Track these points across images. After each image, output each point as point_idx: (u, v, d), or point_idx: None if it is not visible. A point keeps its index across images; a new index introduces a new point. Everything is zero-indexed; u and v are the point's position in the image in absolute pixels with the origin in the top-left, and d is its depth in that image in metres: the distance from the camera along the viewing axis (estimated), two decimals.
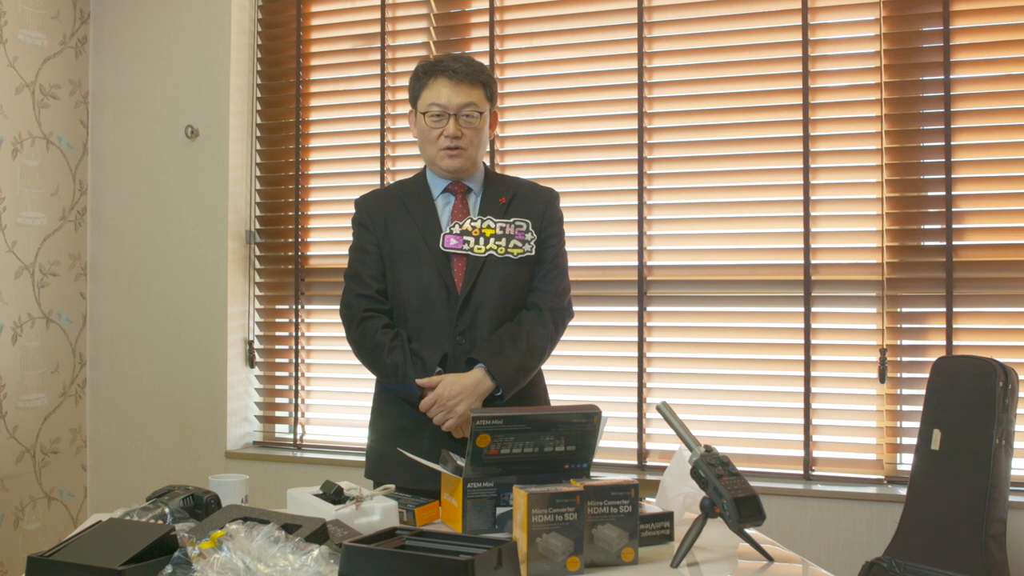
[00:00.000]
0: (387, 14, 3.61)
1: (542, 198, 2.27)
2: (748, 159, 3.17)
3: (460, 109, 2.15)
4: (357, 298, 2.21)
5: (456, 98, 2.14)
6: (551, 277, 2.22)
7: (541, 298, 2.20)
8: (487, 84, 2.20)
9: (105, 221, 3.88)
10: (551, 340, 2.20)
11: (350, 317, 2.21)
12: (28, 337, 3.62)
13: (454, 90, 2.14)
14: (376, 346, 2.15)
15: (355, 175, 3.65)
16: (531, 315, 2.19)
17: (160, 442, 3.77)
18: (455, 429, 2.10)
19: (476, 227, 2.17)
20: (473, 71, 2.17)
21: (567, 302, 2.25)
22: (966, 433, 2.64)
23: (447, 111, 2.14)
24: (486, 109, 2.19)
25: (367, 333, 2.17)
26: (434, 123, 2.16)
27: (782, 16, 3.15)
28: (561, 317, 2.23)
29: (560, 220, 2.29)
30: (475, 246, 2.15)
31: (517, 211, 2.21)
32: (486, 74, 2.20)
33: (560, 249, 2.27)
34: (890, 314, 3.01)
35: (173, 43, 3.79)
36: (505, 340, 2.13)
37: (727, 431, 3.14)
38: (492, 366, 2.10)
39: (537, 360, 2.19)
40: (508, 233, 2.18)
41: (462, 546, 1.42)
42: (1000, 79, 2.94)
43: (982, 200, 2.96)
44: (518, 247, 2.17)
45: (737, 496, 1.58)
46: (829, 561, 2.92)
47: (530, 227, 2.20)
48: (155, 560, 1.41)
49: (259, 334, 3.80)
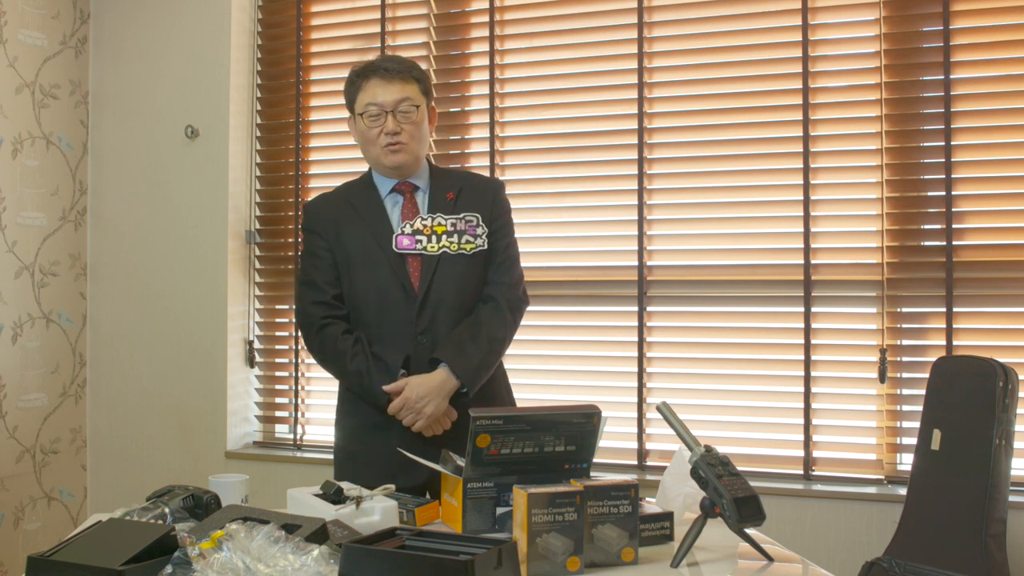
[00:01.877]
0: (387, 14, 3.61)
1: (489, 190, 2.29)
2: (748, 159, 3.18)
3: (396, 105, 2.16)
4: (314, 305, 2.21)
5: (391, 95, 2.16)
6: (504, 268, 2.24)
7: (496, 290, 2.22)
8: (420, 79, 2.21)
9: (105, 221, 3.88)
10: (509, 331, 2.22)
11: (308, 325, 2.22)
12: (28, 337, 3.62)
13: (388, 88, 2.16)
14: (338, 354, 2.16)
15: (355, 175, 3.63)
16: (488, 309, 2.20)
17: (160, 442, 3.77)
18: (425, 429, 2.12)
19: (428, 225, 2.18)
20: (404, 67, 2.19)
21: (522, 291, 2.28)
22: (966, 433, 2.64)
23: (384, 109, 2.16)
24: (422, 103, 2.20)
25: (327, 340, 2.18)
26: (372, 122, 2.18)
27: (782, 16, 3.15)
28: (518, 307, 2.25)
29: (508, 210, 2.31)
30: (428, 244, 2.17)
31: (465, 205, 2.23)
32: (418, 70, 2.22)
33: (511, 239, 2.29)
34: (890, 314, 3.01)
35: (173, 43, 3.79)
36: (465, 337, 2.15)
37: (727, 431, 3.14)
38: (455, 365, 2.11)
39: (498, 354, 2.21)
40: (459, 229, 2.19)
41: (462, 546, 1.42)
42: (1000, 79, 2.94)
43: (982, 200, 2.97)
44: (470, 242, 2.19)
45: (737, 496, 1.59)
46: (829, 561, 2.92)
47: (480, 221, 2.21)
48: (155, 560, 1.41)
49: (259, 334, 3.80)
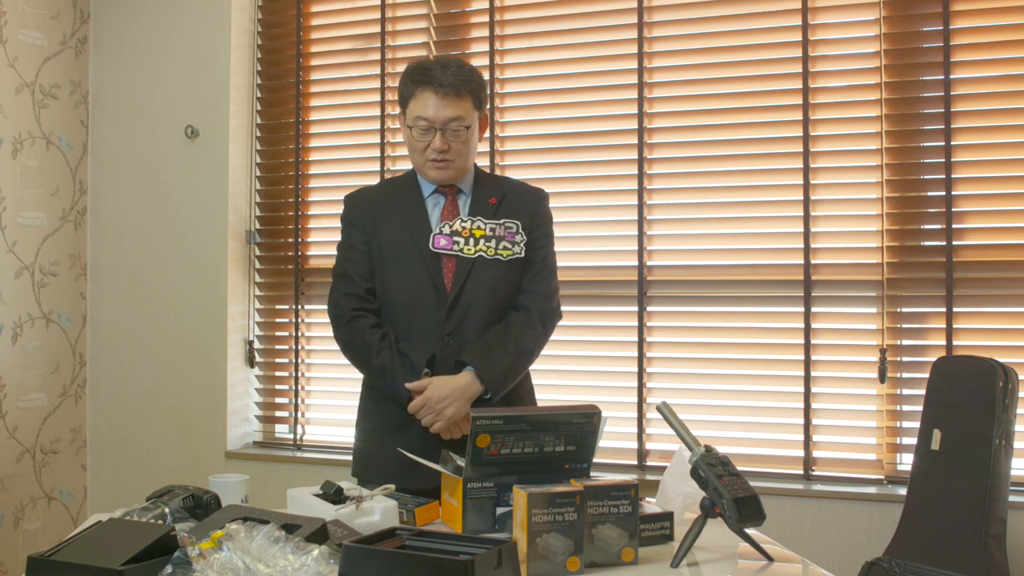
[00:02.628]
0: (387, 14, 3.61)
1: (532, 198, 2.26)
2: (748, 159, 3.18)
3: (447, 123, 2.11)
4: (346, 297, 2.20)
5: (443, 112, 2.10)
6: (540, 278, 2.22)
7: (530, 300, 2.20)
8: (475, 92, 2.14)
9: (105, 221, 3.88)
10: (539, 342, 2.20)
11: (338, 316, 2.21)
12: (28, 337, 3.62)
13: (440, 104, 2.09)
14: (364, 346, 2.15)
15: (355, 175, 3.65)
16: (519, 317, 2.18)
17: (160, 442, 3.77)
18: (443, 431, 2.11)
19: (466, 227, 2.15)
20: (460, 81, 2.11)
21: (556, 303, 2.25)
22: (966, 433, 2.64)
23: (433, 125, 2.11)
24: (474, 119, 2.15)
25: (355, 333, 2.17)
26: (421, 136, 2.13)
27: (782, 16, 3.15)
28: (550, 319, 2.23)
29: (549, 220, 2.28)
30: (465, 247, 2.14)
31: (507, 212, 2.20)
32: (474, 81, 2.14)
33: (549, 250, 2.26)
34: (890, 314, 3.01)
35: (173, 43, 3.79)
36: (494, 343, 2.13)
37: (727, 431, 3.14)
38: (481, 369, 2.09)
39: (525, 363, 2.19)
40: (498, 235, 2.17)
41: (462, 546, 1.42)
42: (1000, 79, 2.94)
43: (982, 200, 2.97)
44: (508, 248, 2.16)
45: (737, 496, 1.59)
46: (829, 561, 2.92)
47: (520, 228, 2.19)
48: (155, 560, 1.41)
49: (259, 334, 3.80)
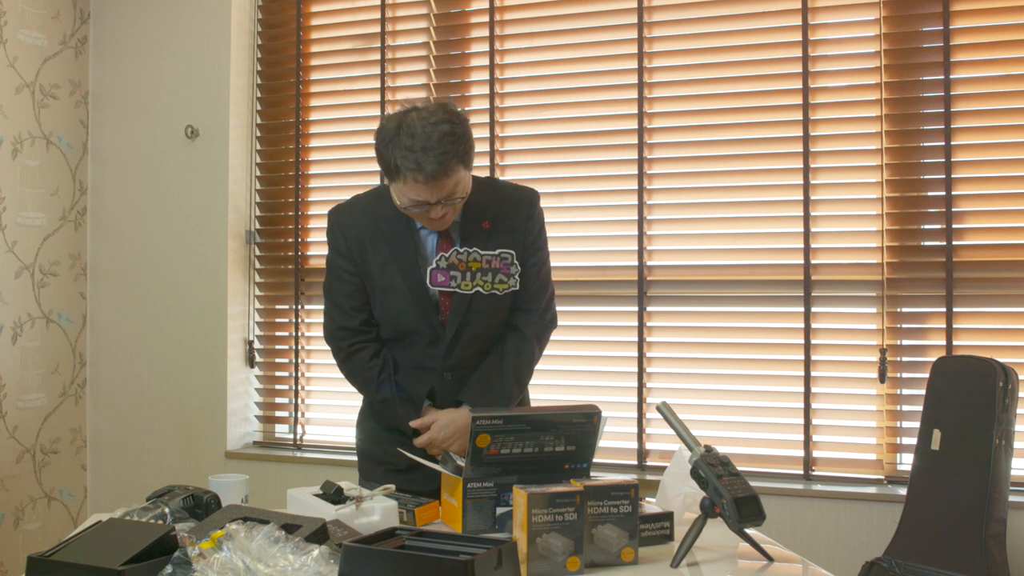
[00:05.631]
0: (387, 14, 3.60)
1: (523, 208, 2.18)
2: (748, 159, 3.17)
3: (444, 198, 1.97)
4: (341, 331, 2.18)
5: (437, 194, 1.95)
6: (534, 295, 2.18)
7: (524, 319, 2.18)
8: (463, 158, 1.96)
9: (105, 221, 3.88)
10: (535, 360, 2.21)
11: (337, 350, 2.21)
12: (28, 337, 3.62)
13: (432, 189, 1.93)
14: (365, 381, 2.18)
15: (355, 175, 3.65)
16: (515, 340, 2.16)
17: (160, 442, 3.77)
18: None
19: (463, 260, 2.08)
20: (446, 157, 1.91)
21: (551, 315, 2.24)
22: (966, 433, 2.64)
23: (428, 202, 1.97)
24: (467, 178, 2.01)
25: (355, 367, 2.18)
26: (414, 207, 1.99)
27: (782, 16, 3.15)
28: (545, 332, 2.23)
29: (542, 226, 2.22)
30: (462, 282, 2.09)
31: (500, 235, 2.12)
32: (461, 149, 1.94)
33: (543, 259, 2.21)
34: (890, 314, 3.01)
35: (173, 43, 3.79)
36: (493, 376, 2.13)
37: (727, 431, 3.14)
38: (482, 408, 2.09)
39: (522, 386, 2.20)
40: (494, 267, 2.11)
41: (462, 546, 1.42)
42: (1000, 79, 2.94)
43: (982, 200, 2.96)
44: (503, 282, 2.11)
45: (737, 496, 1.59)
46: (829, 561, 2.92)
47: (514, 258, 2.12)
48: (155, 560, 1.41)
49: (259, 334, 3.80)
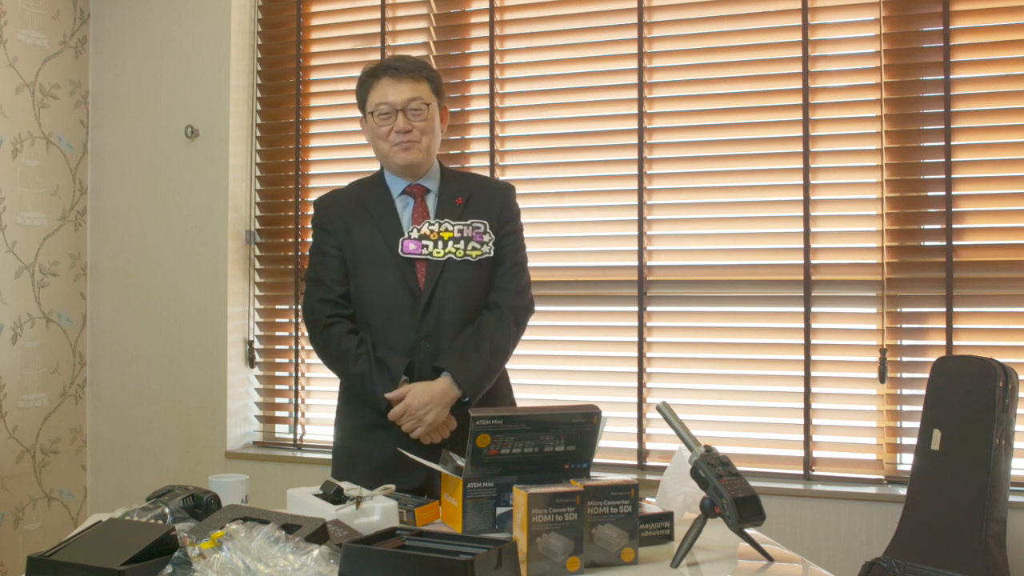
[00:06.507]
0: (387, 14, 3.61)
1: (498, 195, 2.29)
2: (748, 159, 3.17)
3: (407, 104, 2.17)
4: (320, 303, 2.22)
5: (401, 94, 2.16)
6: (511, 275, 2.24)
7: (502, 297, 2.22)
8: (431, 79, 2.21)
9: (105, 221, 3.88)
10: (513, 340, 2.23)
11: (314, 322, 2.23)
12: (28, 337, 3.62)
13: (398, 87, 2.17)
14: (341, 353, 2.17)
15: (355, 175, 3.63)
16: (492, 316, 2.20)
17: (160, 442, 3.77)
18: (423, 436, 2.12)
19: (435, 231, 2.18)
20: (415, 66, 2.20)
21: (528, 298, 2.27)
22: (966, 433, 2.64)
23: (394, 108, 2.17)
24: (433, 102, 2.21)
25: (331, 339, 2.19)
26: (383, 121, 2.18)
27: (782, 16, 3.15)
28: (523, 315, 2.25)
29: (517, 215, 2.30)
30: (434, 250, 2.17)
31: (474, 211, 2.22)
32: (428, 69, 2.22)
33: (519, 244, 2.29)
34: (890, 314, 3.01)
35: (173, 43, 3.79)
36: (469, 346, 2.15)
37: (727, 431, 3.14)
38: (458, 374, 2.12)
39: (500, 362, 2.21)
40: (466, 235, 2.19)
41: (462, 546, 1.42)
42: (1000, 79, 2.94)
43: (982, 200, 2.97)
44: (476, 248, 2.19)
45: (737, 496, 1.59)
46: (829, 561, 2.92)
47: (487, 228, 2.21)
48: (155, 560, 1.41)
49: (259, 334, 3.80)
